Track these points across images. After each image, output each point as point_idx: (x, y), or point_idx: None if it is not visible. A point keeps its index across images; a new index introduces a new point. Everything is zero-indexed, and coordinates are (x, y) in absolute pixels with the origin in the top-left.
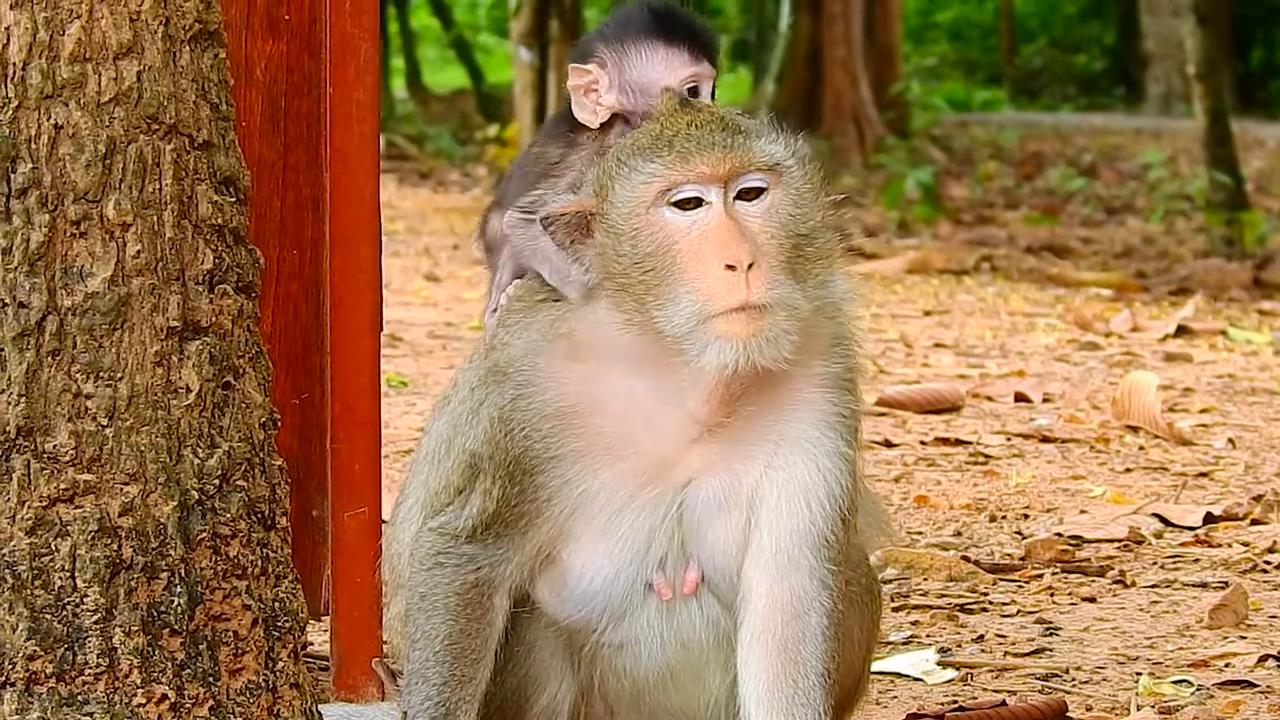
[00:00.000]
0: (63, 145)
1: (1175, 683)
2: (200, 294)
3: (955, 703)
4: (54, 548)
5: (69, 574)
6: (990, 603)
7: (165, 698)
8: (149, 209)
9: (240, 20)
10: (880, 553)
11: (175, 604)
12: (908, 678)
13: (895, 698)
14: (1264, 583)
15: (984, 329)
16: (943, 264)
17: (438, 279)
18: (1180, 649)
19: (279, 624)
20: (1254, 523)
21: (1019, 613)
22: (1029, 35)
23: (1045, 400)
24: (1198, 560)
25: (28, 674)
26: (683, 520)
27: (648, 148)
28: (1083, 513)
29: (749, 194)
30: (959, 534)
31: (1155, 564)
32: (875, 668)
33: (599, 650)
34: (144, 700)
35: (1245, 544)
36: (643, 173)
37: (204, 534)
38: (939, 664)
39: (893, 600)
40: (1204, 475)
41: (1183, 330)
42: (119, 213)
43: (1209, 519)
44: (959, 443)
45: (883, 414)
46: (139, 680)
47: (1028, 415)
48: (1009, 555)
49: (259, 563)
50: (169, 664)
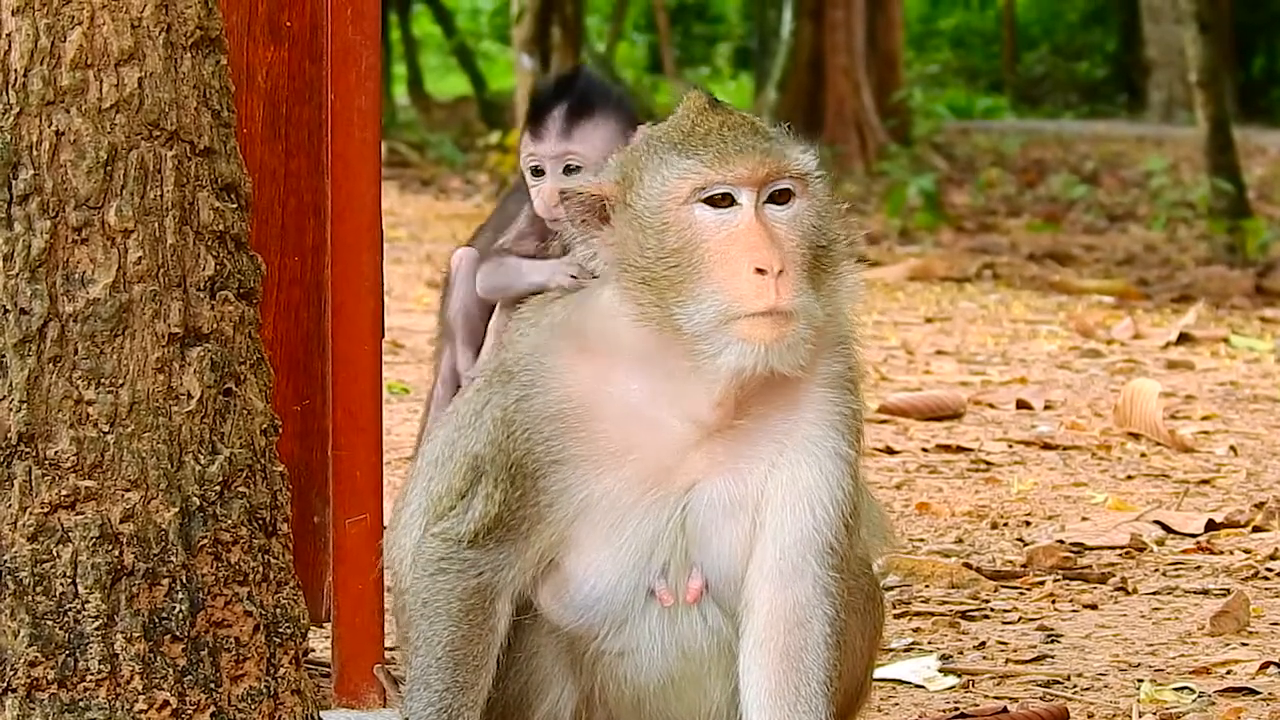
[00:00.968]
0: (64, 151)
1: (1177, 690)
2: (202, 300)
3: (957, 710)
4: (55, 554)
5: (70, 580)
6: (992, 610)
7: (167, 704)
8: (150, 215)
9: (241, 27)
10: (882, 560)
11: (177, 610)
12: (909, 685)
13: (897, 704)
14: (1265, 590)
15: (986, 336)
16: (944, 271)
17: (439, 286)
18: (1182, 656)
19: (280, 630)
20: (1255, 530)
21: (1020, 620)
22: (1031, 42)
23: (1047, 407)
24: (1199, 567)
25: (29, 680)
26: (686, 526)
27: (681, 143)
28: (1084, 520)
29: (778, 199)
30: (960, 541)
31: (1157, 571)
32: (877, 675)
33: (600, 657)
34: (145, 706)
35: (1247, 551)
36: (678, 167)
37: (205, 540)
38: (941, 671)
39: (894, 607)
40: (1206, 482)
41: (1185, 338)
42: (120, 219)
43: (1210, 526)
44: (961, 450)
45: (885, 421)
46: (140, 686)
47: (1029, 422)
48: (1010, 562)
49: (260, 569)
50: (170, 670)
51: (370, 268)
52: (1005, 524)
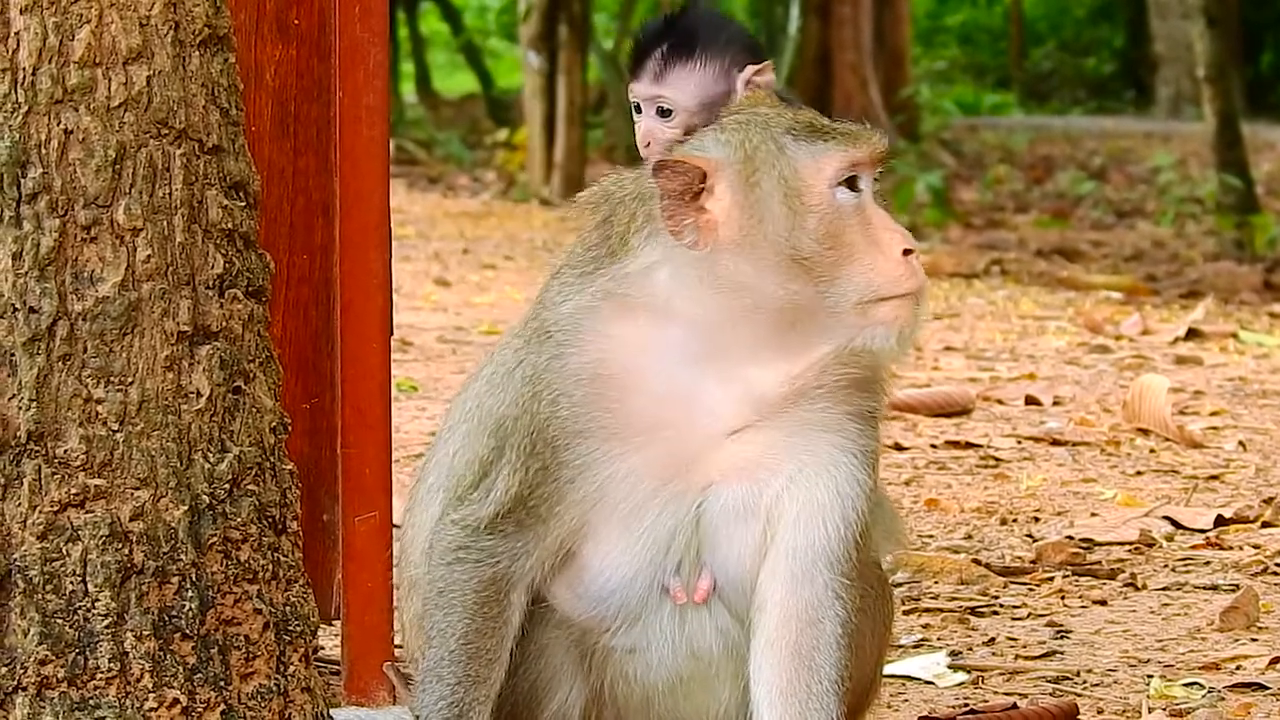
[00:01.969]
0: (73, 150)
1: (1186, 685)
2: (210, 299)
3: (966, 705)
4: (65, 552)
5: (80, 579)
6: (1001, 606)
7: (177, 702)
8: (159, 214)
9: (250, 25)
10: (891, 557)
11: (186, 608)
12: (919, 681)
13: (906, 701)
14: (1275, 585)
15: (994, 332)
16: (953, 268)
17: (447, 284)
18: (1191, 651)
19: (290, 628)
20: (1265, 525)
21: (1030, 616)
22: (1038, 38)
23: (1056, 403)
24: (1209, 563)
25: (39, 679)
26: (700, 526)
27: (807, 129)
28: (1093, 515)
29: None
30: (969, 537)
31: (1166, 567)
32: (886, 671)
33: (610, 654)
34: (155, 705)
35: (1256, 546)
36: (818, 151)
37: (215, 539)
38: (950, 667)
39: (904, 604)
40: (1215, 478)
41: (1193, 333)
42: (129, 218)
43: (1220, 521)
44: (969, 446)
45: (893, 417)
46: (150, 685)
47: (1038, 418)
48: (1019, 558)
49: (270, 567)
50: (180, 668)
51: (378, 265)
52: (1014, 520)
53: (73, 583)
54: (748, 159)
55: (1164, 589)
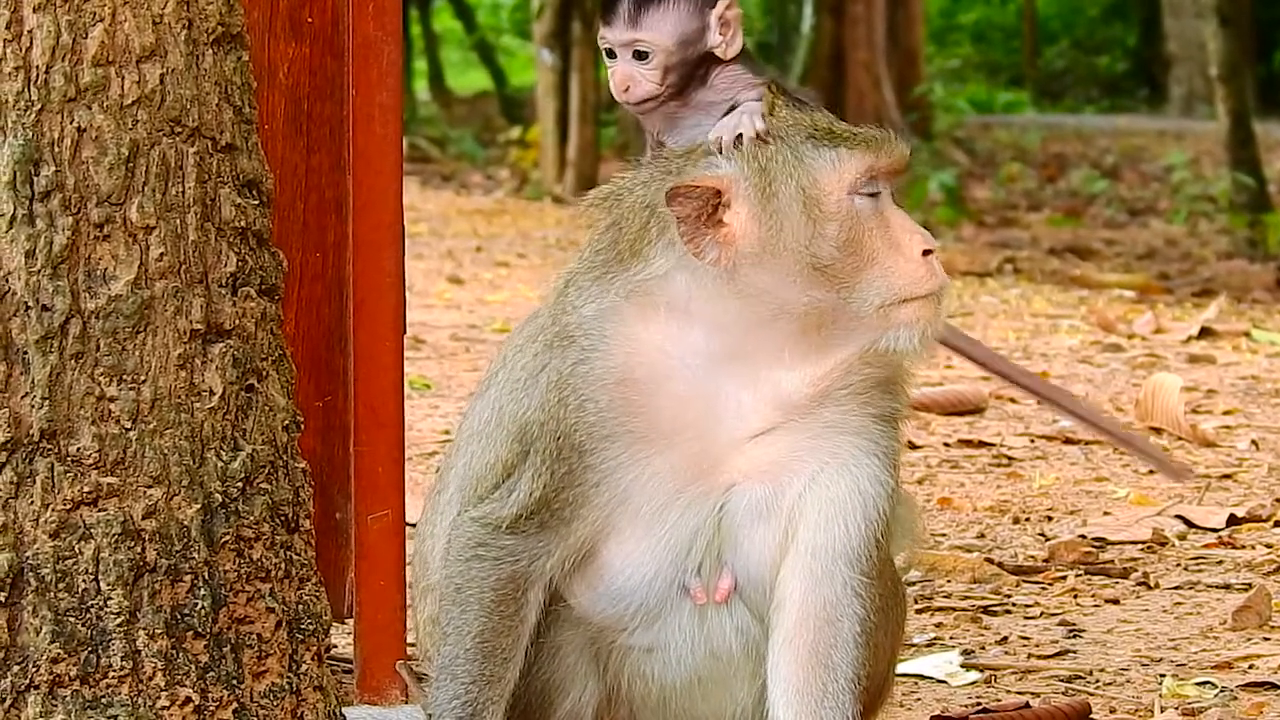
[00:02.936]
0: (86, 148)
1: (1199, 684)
2: (223, 297)
3: (979, 705)
4: (78, 551)
5: (93, 577)
6: (1014, 605)
7: (189, 700)
8: (172, 212)
9: (263, 23)
10: (904, 555)
11: (199, 607)
12: (931, 680)
13: (919, 700)
14: None
15: (1007, 331)
16: (966, 266)
17: (461, 281)
18: (1204, 651)
19: (303, 627)
20: (1277, 524)
21: (1042, 615)
22: (1051, 37)
23: None
24: (1221, 562)
25: (51, 677)
26: (721, 526)
27: (825, 136)
28: (1106, 514)
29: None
30: (982, 536)
31: (1178, 566)
32: (899, 670)
33: (627, 654)
34: (168, 703)
35: (1269, 546)
36: (836, 159)
37: (227, 537)
38: (963, 666)
39: (916, 602)
40: (1227, 477)
41: (1206, 332)
42: (142, 216)
43: (1232, 520)
44: (982, 445)
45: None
46: (163, 683)
47: (1050, 417)
48: (1032, 557)
49: (282, 565)
50: (193, 667)
51: (392, 263)
52: (1027, 519)
53: (85, 581)
54: (763, 171)
55: (1176, 588)
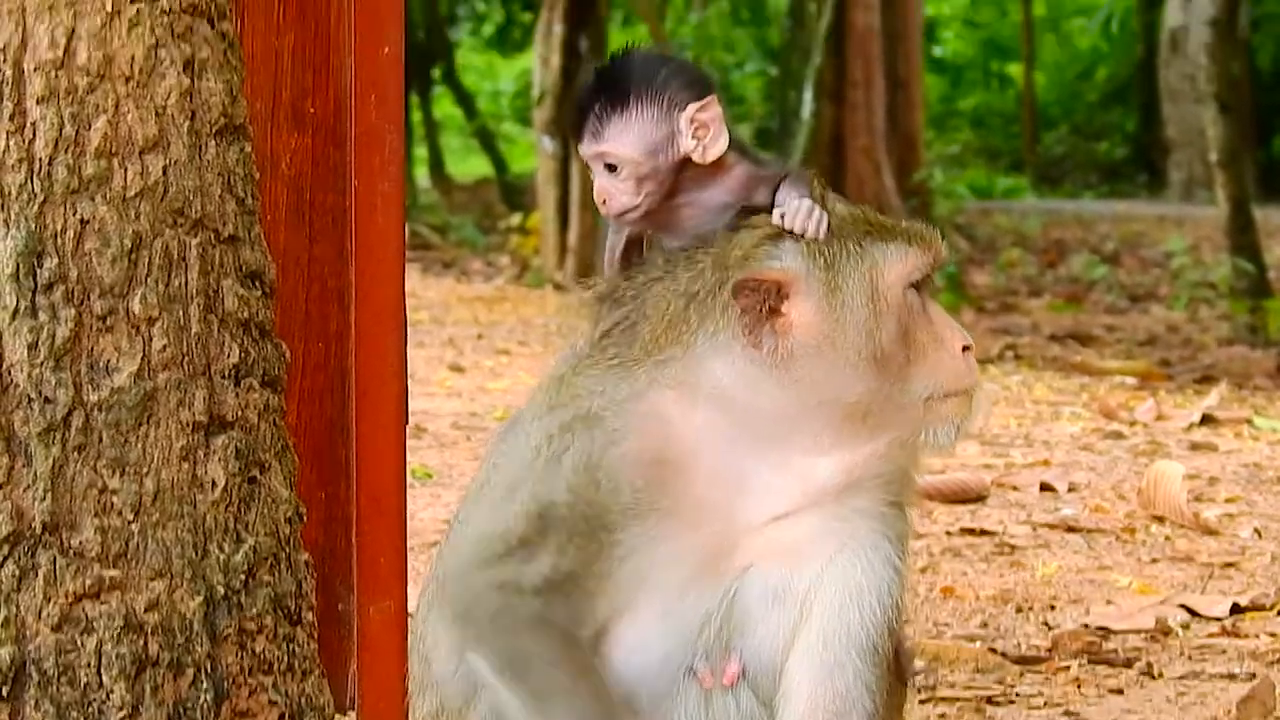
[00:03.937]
0: (89, 240)
1: None
2: (226, 388)
3: None
4: (80, 644)
5: (95, 670)
6: (1017, 695)
7: None
8: (175, 303)
9: (265, 113)
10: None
11: (201, 700)
12: None
13: None
14: None
15: (1009, 418)
16: None
17: (462, 369)
18: None
19: (305, 719)
20: None
21: (1046, 705)
22: (1051, 122)
23: (1070, 490)
24: (1225, 651)
25: None
26: (734, 608)
27: (881, 231)
28: (1109, 603)
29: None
30: (985, 625)
31: (1183, 655)
32: None
33: None
34: None
35: (1272, 635)
36: (895, 254)
37: (230, 630)
38: None
39: (919, 692)
40: (1230, 565)
41: (1207, 419)
42: (145, 307)
43: (1235, 609)
44: (985, 533)
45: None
46: None
47: (1053, 505)
48: (1035, 646)
49: (285, 658)
50: None
51: (394, 353)
52: (1030, 608)
53: (87, 674)
54: (829, 265)
55: (1180, 678)
